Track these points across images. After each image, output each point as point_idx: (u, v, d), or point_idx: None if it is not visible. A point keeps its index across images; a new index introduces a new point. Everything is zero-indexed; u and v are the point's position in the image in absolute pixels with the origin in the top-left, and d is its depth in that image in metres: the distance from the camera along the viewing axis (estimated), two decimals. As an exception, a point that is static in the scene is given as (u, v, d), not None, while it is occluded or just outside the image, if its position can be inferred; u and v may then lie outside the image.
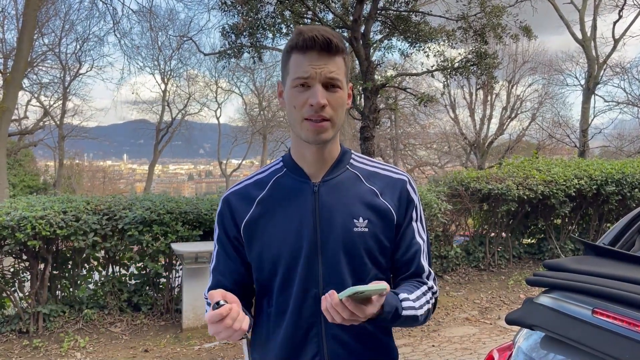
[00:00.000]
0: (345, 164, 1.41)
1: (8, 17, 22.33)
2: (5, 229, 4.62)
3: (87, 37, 24.52)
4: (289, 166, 1.41)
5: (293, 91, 1.28)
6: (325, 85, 1.26)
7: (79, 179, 30.31)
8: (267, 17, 8.49)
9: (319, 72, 1.25)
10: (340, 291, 1.17)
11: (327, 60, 1.26)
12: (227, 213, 1.40)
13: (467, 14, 8.72)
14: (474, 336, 5.07)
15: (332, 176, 1.37)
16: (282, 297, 1.35)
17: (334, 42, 1.26)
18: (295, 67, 1.27)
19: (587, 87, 22.16)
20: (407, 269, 1.40)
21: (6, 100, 12.16)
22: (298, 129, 1.30)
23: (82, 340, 4.81)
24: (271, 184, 1.40)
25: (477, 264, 7.10)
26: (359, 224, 1.33)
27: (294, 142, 1.39)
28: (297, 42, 1.26)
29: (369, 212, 1.35)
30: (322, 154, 1.36)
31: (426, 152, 29.16)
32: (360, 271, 1.34)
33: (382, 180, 1.41)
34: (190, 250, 4.99)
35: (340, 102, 1.30)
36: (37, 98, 25.19)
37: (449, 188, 6.94)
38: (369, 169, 1.43)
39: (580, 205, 7.45)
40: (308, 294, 1.32)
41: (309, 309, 1.32)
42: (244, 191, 1.42)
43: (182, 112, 32.21)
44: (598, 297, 1.47)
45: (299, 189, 1.36)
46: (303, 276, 1.32)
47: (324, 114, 1.26)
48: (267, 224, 1.36)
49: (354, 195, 1.36)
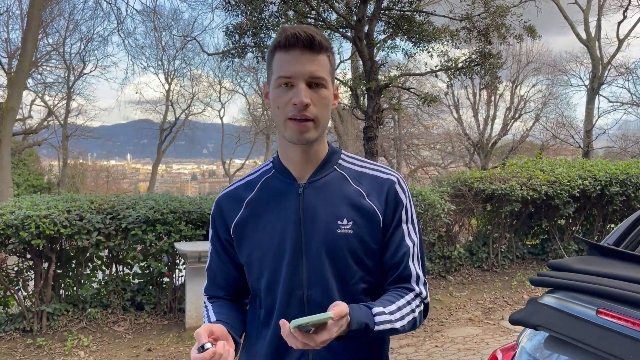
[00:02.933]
0: (332, 164, 1.38)
1: (12, 17, 22.41)
2: (10, 228, 4.63)
3: (91, 37, 24.61)
4: (277, 167, 1.40)
5: (277, 91, 1.27)
6: (309, 84, 1.24)
7: (82, 178, 30.38)
8: (271, 17, 8.50)
9: (302, 71, 1.23)
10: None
11: (310, 58, 1.24)
12: (218, 215, 1.42)
13: (471, 14, 8.70)
14: (477, 336, 5.06)
15: (318, 177, 1.36)
16: (268, 299, 1.35)
17: (317, 39, 1.24)
18: (279, 66, 1.26)
19: (591, 88, 22.08)
20: (394, 272, 1.36)
21: (11, 100, 12.20)
22: (282, 130, 1.29)
23: (85, 339, 4.83)
24: (260, 185, 1.40)
25: (480, 264, 7.08)
26: (342, 226, 1.31)
27: (280, 143, 1.38)
28: (280, 40, 1.25)
29: (354, 213, 1.32)
30: (307, 155, 1.34)
31: (429, 152, 29.10)
32: (344, 273, 1.32)
33: (370, 181, 1.38)
34: (193, 250, 5.00)
35: (325, 101, 1.28)
36: (42, 98, 25.30)
37: (452, 188, 6.92)
38: (357, 169, 1.40)
39: (584, 206, 7.43)
40: (293, 296, 1.32)
41: (294, 310, 1.31)
42: (234, 193, 1.43)
43: (185, 112, 32.33)
44: (602, 297, 1.47)
45: (285, 190, 1.36)
46: (287, 278, 1.32)
47: (308, 114, 1.24)
48: (255, 225, 1.36)
49: (340, 196, 1.34)
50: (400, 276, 1.35)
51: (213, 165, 71.49)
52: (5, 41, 21.56)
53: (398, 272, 1.35)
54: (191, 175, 72.88)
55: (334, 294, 1.30)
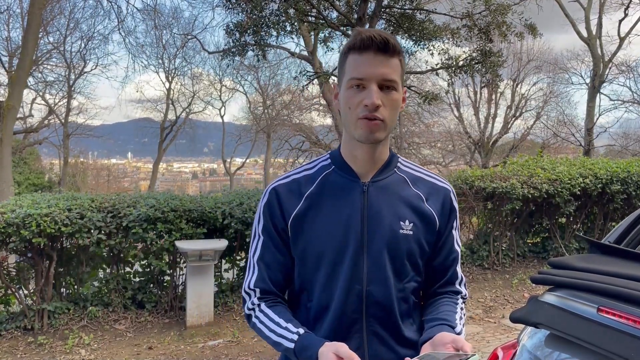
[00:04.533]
0: (393, 166, 1.43)
1: (13, 15, 22.43)
2: (11, 226, 4.63)
3: (91, 36, 24.65)
4: (337, 164, 1.41)
5: (349, 92, 1.29)
6: (380, 87, 1.26)
7: (83, 177, 30.44)
8: (272, 15, 8.50)
9: (375, 73, 1.25)
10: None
11: (383, 61, 1.26)
12: (276, 204, 1.39)
13: (471, 12, 8.69)
14: (477, 335, 5.06)
15: (381, 177, 1.39)
16: (325, 293, 1.36)
17: (391, 42, 1.26)
18: (352, 67, 1.28)
19: (593, 86, 22.06)
20: (444, 276, 1.45)
21: (11, 98, 12.20)
22: (352, 129, 1.31)
23: (86, 337, 4.83)
24: (320, 179, 1.40)
25: (481, 262, 7.08)
26: (405, 227, 1.36)
27: (346, 142, 1.40)
28: (355, 42, 1.27)
29: (415, 215, 1.38)
30: (373, 155, 1.37)
31: (430, 150, 29.07)
32: (400, 271, 1.37)
33: (428, 186, 1.44)
34: (194, 248, 5.00)
35: (395, 104, 1.30)
36: (42, 96, 25.30)
37: (453, 187, 6.91)
38: (415, 173, 1.46)
39: (585, 204, 7.42)
40: (352, 290, 1.34)
41: (352, 305, 1.34)
42: (293, 184, 1.41)
43: (186, 110, 32.27)
44: (603, 295, 1.47)
45: (348, 187, 1.38)
46: (348, 273, 1.34)
47: (378, 115, 1.26)
48: (314, 219, 1.36)
49: (401, 198, 1.39)
50: (450, 279, 1.46)
51: (214, 164, 71.54)
52: (6, 40, 21.59)
53: (448, 275, 1.46)
54: (192, 174, 72.88)
55: (392, 291, 1.36)
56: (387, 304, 1.35)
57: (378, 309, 1.35)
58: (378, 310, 1.35)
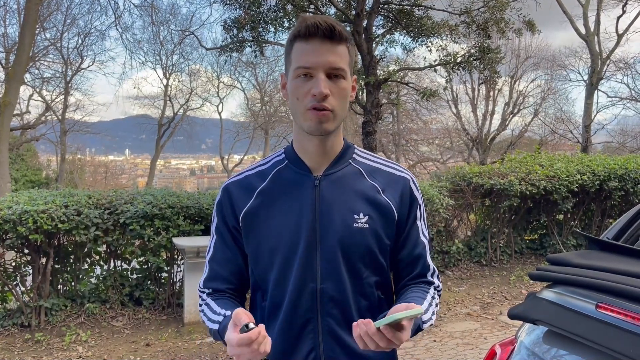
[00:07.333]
0: (347, 158, 1.38)
1: (10, 11, 22.36)
2: (7, 223, 4.62)
3: (88, 32, 24.56)
4: (290, 158, 1.37)
5: (295, 82, 1.25)
6: (328, 75, 1.22)
7: (81, 173, 30.35)
8: (269, 11, 8.48)
9: (322, 61, 1.21)
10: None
11: (330, 49, 1.22)
12: (227, 202, 1.37)
13: (470, 8, 8.68)
14: (475, 331, 5.06)
15: (334, 170, 1.35)
16: (277, 290, 1.32)
17: (337, 29, 1.22)
18: (298, 56, 1.23)
19: (590, 83, 22.06)
20: (414, 269, 1.39)
21: (8, 95, 12.16)
22: (300, 120, 1.27)
23: (84, 334, 4.82)
24: (272, 175, 1.37)
25: (479, 259, 7.09)
26: (359, 220, 1.30)
27: (296, 135, 1.36)
28: (300, 29, 1.23)
29: (370, 208, 1.32)
30: (324, 147, 1.32)
31: (428, 147, 29.10)
32: (357, 267, 1.31)
33: (385, 177, 1.38)
34: (191, 245, 4.99)
35: (344, 93, 1.26)
36: (39, 93, 25.21)
37: (451, 183, 6.92)
38: (372, 164, 1.40)
39: (583, 201, 7.43)
40: (305, 288, 1.29)
41: (306, 303, 1.30)
42: (245, 181, 1.39)
43: (184, 107, 32.23)
44: (602, 291, 1.46)
45: (299, 182, 1.34)
46: (301, 270, 1.29)
47: (327, 104, 1.22)
48: (266, 215, 1.33)
49: (356, 190, 1.34)
50: (420, 271, 1.40)
51: (212, 161, 71.47)
52: (3, 36, 21.54)
53: (417, 267, 1.39)
54: (190, 171, 72.80)
55: (347, 287, 1.30)
56: (342, 301, 1.30)
57: (333, 307, 1.30)
58: (333, 307, 1.30)
